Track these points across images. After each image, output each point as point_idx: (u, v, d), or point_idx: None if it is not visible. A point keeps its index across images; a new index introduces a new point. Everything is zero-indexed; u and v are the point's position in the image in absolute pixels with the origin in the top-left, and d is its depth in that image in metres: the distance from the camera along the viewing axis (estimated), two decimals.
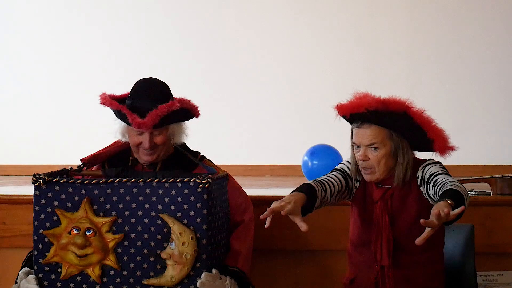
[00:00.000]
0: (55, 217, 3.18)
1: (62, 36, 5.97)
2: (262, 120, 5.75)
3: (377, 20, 5.73)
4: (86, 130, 5.73)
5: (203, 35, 5.86)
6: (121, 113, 3.32)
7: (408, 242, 3.13)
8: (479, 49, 5.64)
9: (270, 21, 5.82)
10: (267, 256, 3.76)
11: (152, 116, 3.26)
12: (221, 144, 5.44)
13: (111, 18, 5.96)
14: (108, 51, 5.93)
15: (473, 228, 3.37)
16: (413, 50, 5.70)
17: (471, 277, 3.32)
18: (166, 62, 5.67)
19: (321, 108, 5.52)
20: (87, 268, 3.16)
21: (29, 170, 4.06)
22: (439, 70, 5.63)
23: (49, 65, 5.97)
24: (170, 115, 3.30)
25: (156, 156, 3.38)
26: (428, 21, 5.70)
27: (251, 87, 5.80)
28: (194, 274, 3.11)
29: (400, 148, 3.15)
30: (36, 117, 5.94)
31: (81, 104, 5.81)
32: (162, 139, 3.35)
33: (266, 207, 3.72)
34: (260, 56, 5.81)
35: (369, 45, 5.70)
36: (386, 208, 3.18)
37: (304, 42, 5.80)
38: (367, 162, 3.16)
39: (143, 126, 3.27)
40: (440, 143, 3.14)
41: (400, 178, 3.16)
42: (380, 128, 3.13)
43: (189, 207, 3.12)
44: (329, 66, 5.66)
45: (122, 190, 3.17)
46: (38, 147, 5.83)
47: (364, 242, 3.21)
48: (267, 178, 5.52)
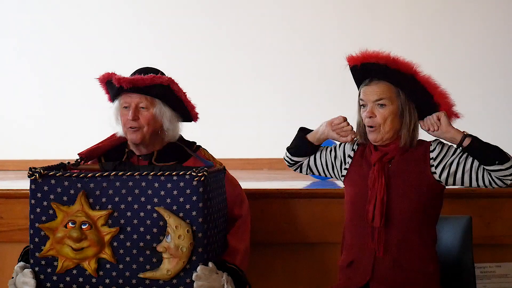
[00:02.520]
0: (51, 210, 3.17)
1: (58, 31, 5.98)
2: (260, 114, 5.75)
3: (375, 18, 5.73)
4: (83, 125, 5.74)
5: (202, 31, 5.87)
6: (110, 82, 3.34)
7: (400, 205, 3.13)
8: (478, 49, 5.64)
9: (270, 16, 5.83)
10: (264, 249, 3.76)
11: (135, 78, 3.31)
12: (219, 138, 5.43)
13: (111, 14, 5.97)
14: (105, 47, 5.93)
15: (471, 219, 3.37)
16: (410, 49, 5.67)
17: (469, 269, 3.32)
18: (164, 57, 5.66)
19: (319, 100, 5.56)
20: (83, 261, 3.15)
21: (26, 164, 4.05)
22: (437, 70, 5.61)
23: (46, 60, 5.97)
24: (157, 87, 3.31)
25: (142, 137, 3.37)
26: (426, 19, 5.71)
27: (249, 81, 5.81)
28: (190, 268, 3.10)
29: (406, 109, 3.14)
30: (33, 112, 5.94)
31: (78, 98, 5.82)
32: (147, 115, 3.35)
33: (264, 200, 3.75)
34: (258, 50, 5.82)
35: (366, 41, 5.69)
36: (383, 170, 3.16)
37: (304, 37, 5.80)
38: (373, 119, 3.15)
39: (123, 81, 3.29)
40: (446, 107, 3.15)
41: (407, 139, 3.16)
42: (388, 85, 3.14)
43: (185, 200, 3.11)
44: (328, 60, 5.64)
45: (118, 183, 3.16)
46: (36, 142, 5.84)
47: (359, 215, 3.19)
48: (265, 171, 5.52)
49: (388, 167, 3.18)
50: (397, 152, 3.18)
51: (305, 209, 3.75)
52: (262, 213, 3.75)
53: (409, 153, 3.19)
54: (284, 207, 3.79)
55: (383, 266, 3.15)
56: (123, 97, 3.38)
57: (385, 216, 3.13)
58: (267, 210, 3.77)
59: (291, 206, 3.79)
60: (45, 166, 3.27)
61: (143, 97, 3.36)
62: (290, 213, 3.79)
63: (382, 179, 3.15)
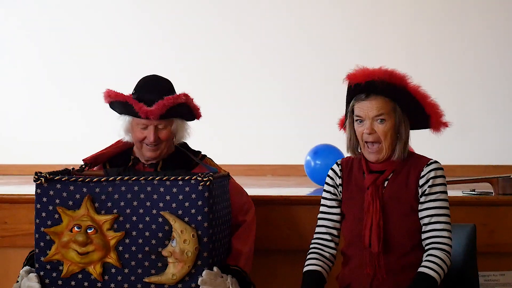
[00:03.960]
0: (56, 215, 3.18)
1: (64, 35, 5.99)
2: (264, 120, 5.76)
3: (377, 19, 5.74)
4: (88, 131, 5.74)
5: (205, 35, 5.88)
6: (127, 104, 3.32)
7: (399, 236, 3.11)
8: (481, 49, 5.64)
9: (272, 20, 5.84)
10: (268, 256, 3.76)
11: (159, 106, 3.28)
12: (222, 144, 5.45)
13: (115, 17, 5.98)
14: (110, 53, 5.94)
15: (475, 228, 3.36)
16: (414, 49, 5.70)
17: (473, 277, 3.31)
18: (167, 62, 5.68)
19: (324, 107, 5.57)
20: (88, 266, 3.16)
21: (30, 170, 4.06)
22: (440, 70, 5.63)
23: (51, 65, 5.98)
24: (176, 107, 3.31)
25: (160, 153, 3.38)
26: (429, 19, 5.71)
27: (252, 87, 5.81)
28: (195, 272, 3.11)
29: (402, 123, 3.12)
30: (38, 118, 5.95)
31: (83, 104, 5.82)
32: (166, 133, 3.36)
33: (267, 207, 3.75)
34: (262, 55, 5.82)
35: (370, 44, 5.71)
36: (377, 194, 3.14)
37: (306, 42, 5.81)
38: (374, 135, 3.11)
39: (150, 114, 3.28)
40: (436, 117, 3.13)
41: (401, 152, 3.12)
42: (386, 100, 3.10)
43: (190, 205, 3.12)
44: (331, 65, 5.66)
45: (123, 188, 3.17)
46: (40, 147, 5.84)
47: (356, 236, 3.16)
48: (269, 178, 5.52)
49: (382, 190, 3.14)
50: (390, 170, 3.15)
51: (308, 216, 3.75)
52: (266, 220, 3.75)
53: (402, 172, 3.15)
54: (288, 214, 3.79)
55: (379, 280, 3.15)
56: (140, 119, 3.34)
57: (383, 241, 3.10)
58: (270, 217, 3.77)
59: (294, 213, 3.79)
60: (50, 171, 3.28)
61: (162, 120, 3.34)
62: (293, 219, 3.79)
63: (377, 203, 3.12)
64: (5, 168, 5.80)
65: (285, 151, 5.60)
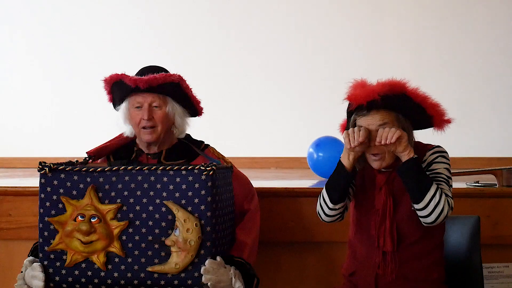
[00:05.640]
0: (60, 204, 3.19)
1: (65, 29, 6.00)
2: (267, 113, 5.77)
3: (381, 16, 5.74)
4: (91, 123, 5.75)
5: (209, 29, 5.88)
6: (121, 83, 3.35)
7: (408, 227, 3.12)
8: (483, 42, 5.64)
9: (275, 15, 5.84)
10: (272, 247, 3.76)
11: (150, 77, 3.31)
12: (227, 137, 5.45)
13: (119, 16, 5.99)
14: (114, 49, 5.96)
15: (479, 219, 3.36)
16: (417, 44, 5.70)
17: (477, 269, 3.30)
18: (171, 56, 5.68)
19: (326, 100, 5.57)
20: (92, 255, 3.16)
21: (34, 162, 4.04)
22: (444, 63, 5.63)
23: (54, 58, 5.99)
24: (168, 85, 3.32)
25: (156, 137, 3.39)
26: (432, 16, 5.71)
27: (256, 80, 5.82)
28: (198, 261, 3.11)
29: (406, 129, 3.12)
30: (41, 110, 5.96)
31: (87, 97, 5.84)
32: (161, 114, 3.37)
33: (272, 199, 3.75)
34: (265, 49, 5.83)
35: (373, 39, 5.71)
36: (391, 192, 3.16)
37: (309, 36, 5.81)
38: (379, 147, 3.11)
39: (139, 82, 3.30)
40: (439, 117, 3.14)
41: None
42: (388, 112, 3.11)
43: (194, 194, 3.12)
44: (333, 59, 5.67)
45: (127, 178, 3.17)
46: (44, 140, 5.85)
47: (364, 229, 3.18)
48: (273, 170, 5.52)
49: (392, 187, 3.15)
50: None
51: (312, 208, 3.72)
52: (270, 212, 3.75)
53: None
54: (292, 206, 3.79)
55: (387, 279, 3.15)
56: (135, 97, 3.38)
57: (396, 239, 3.11)
58: (274, 209, 3.78)
59: (298, 205, 3.79)
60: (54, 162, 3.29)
61: (155, 96, 3.36)
62: (297, 211, 3.79)
63: (391, 202, 3.14)
64: (9, 161, 5.81)
65: (289, 144, 5.60)
